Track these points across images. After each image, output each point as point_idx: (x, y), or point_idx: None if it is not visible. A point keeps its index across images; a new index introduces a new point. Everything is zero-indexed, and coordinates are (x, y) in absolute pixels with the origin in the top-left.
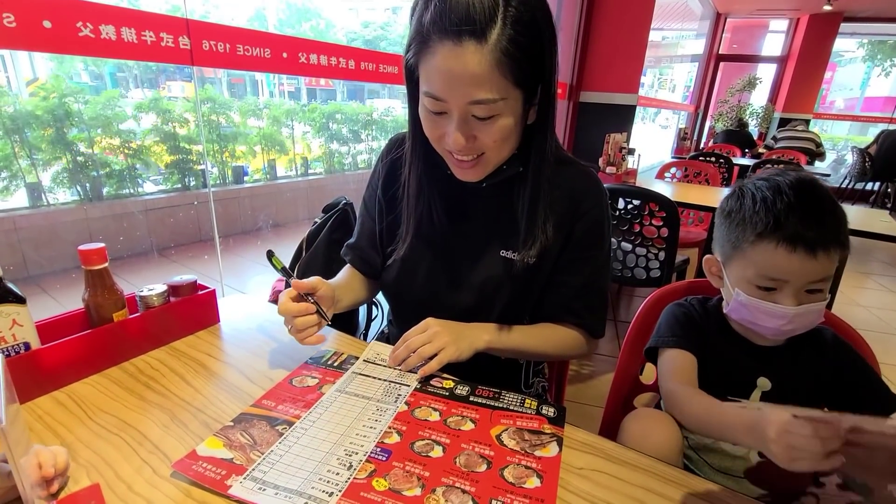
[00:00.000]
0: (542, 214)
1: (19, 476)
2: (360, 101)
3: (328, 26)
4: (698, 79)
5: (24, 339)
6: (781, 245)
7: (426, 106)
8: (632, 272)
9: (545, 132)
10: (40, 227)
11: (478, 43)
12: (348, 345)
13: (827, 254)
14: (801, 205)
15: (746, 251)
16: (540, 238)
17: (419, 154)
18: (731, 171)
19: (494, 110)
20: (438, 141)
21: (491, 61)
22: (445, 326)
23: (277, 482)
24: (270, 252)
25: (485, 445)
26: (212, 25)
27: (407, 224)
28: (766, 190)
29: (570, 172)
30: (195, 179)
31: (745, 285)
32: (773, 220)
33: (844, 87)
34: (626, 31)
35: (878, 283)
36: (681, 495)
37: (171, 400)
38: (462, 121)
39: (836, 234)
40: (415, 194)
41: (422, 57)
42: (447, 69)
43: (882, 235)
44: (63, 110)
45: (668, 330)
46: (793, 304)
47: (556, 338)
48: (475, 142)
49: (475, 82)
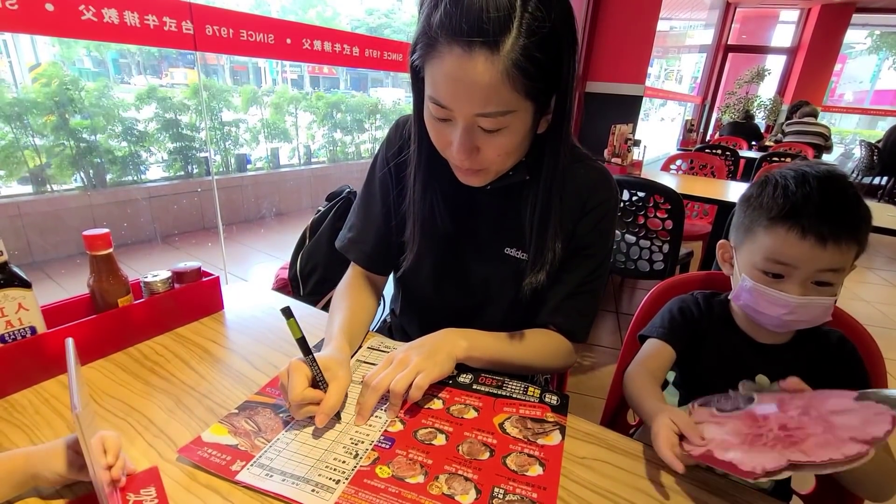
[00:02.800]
0: (552, 230)
1: (91, 461)
2: (364, 89)
3: (335, 14)
4: (706, 70)
5: (30, 322)
6: (793, 230)
7: (431, 112)
8: (635, 264)
9: (558, 143)
10: (45, 213)
11: (489, 52)
12: None
13: (838, 246)
14: (822, 195)
15: (758, 235)
16: (548, 260)
17: (424, 152)
18: (738, 163)
19: (502, 123)
20: (444, 149)
21: (502, 73)
22: (411, 349)
23: (284, 469)
24: (288, 310)
25: (487, 433)
26: (215, 10)
27: (413, 229)
28: (790, 178)
29: (582, 169)
30: (198, 167)
31: (753, 270)
32: (791, 207)
33: (854, 80)
34: (634, 21)
35: (881, 277)
36: (683, 485)
37: (175, 385)
38: (467, 131)
39: (853, 229)
40: (419, 193)
41: (428, 60)
42: (454, 78)
43: (890, 230)
44: (67, 97)
45: (660, 321)
46: (798, 294)
47: (538, 346)
48: (478, 154)
49: (483, 94)
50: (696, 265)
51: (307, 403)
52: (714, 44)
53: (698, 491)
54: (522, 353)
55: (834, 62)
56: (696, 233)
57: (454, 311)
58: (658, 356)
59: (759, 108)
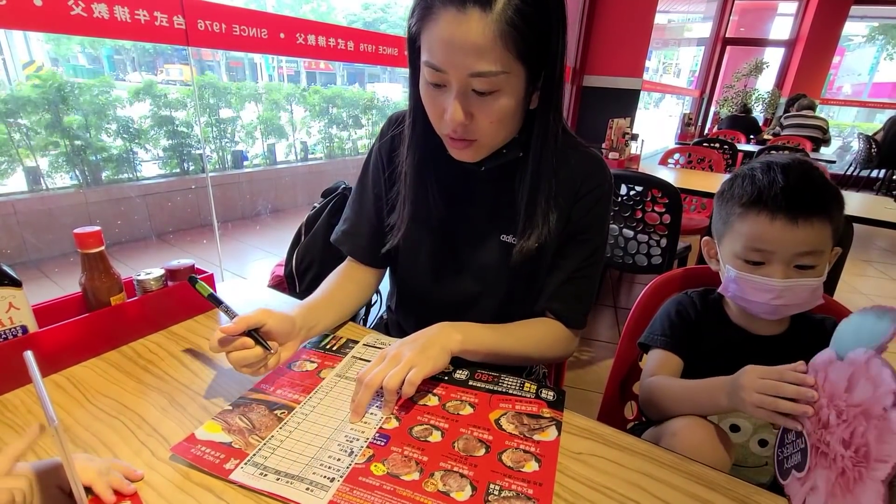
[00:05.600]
0: (543, 203)
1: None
2: (361, 85)
3: (329, 9)
4: (704, 63)
5: (20, 322)
6: (763, 213)
7: (426, 77)
8: (633, 259)
9: (547, 117)
10: (39, 211)
11: (482, 11)
12: (346, 328)
13: (809, 223)
14: (787, 178)
15: (734, 225)
16: (540, 227)
17: (419, 134)
18: (736, 157)
19: (496, 84)
20: (438, 120)
21: (495, 31)
22: (404, 344)
23: (279, 467)
24: (193, 278)
25: (483, 430)
26: (207, 4)
27: (402, 210)
28: (757, 169)
29: (576, 156)
30: (194, 164)
31: (735, 260)
32: (758, 192)
33: (852, 73)
34: (632, 14)
35: (879, 270)
36: (679, 480)
37: (169, 383)
38: (461, 93)
39: (821, 205)
40: (413, 176)
41: (424, 24)
42: (449, 37)
43: (886, 223)
44: (59, 95)
45: (661, 329)
46: (781, 277)
47: (536, 336)
48: (472, 121)
49: (477, 53)
50: (694, 259)
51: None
52: (712, 37)
53: (694, 485)
54: (520, 344)
55: (832, 55)
56: (694, 227)
57: (450, 304)
58: (666, 366)
59: (758, 102)
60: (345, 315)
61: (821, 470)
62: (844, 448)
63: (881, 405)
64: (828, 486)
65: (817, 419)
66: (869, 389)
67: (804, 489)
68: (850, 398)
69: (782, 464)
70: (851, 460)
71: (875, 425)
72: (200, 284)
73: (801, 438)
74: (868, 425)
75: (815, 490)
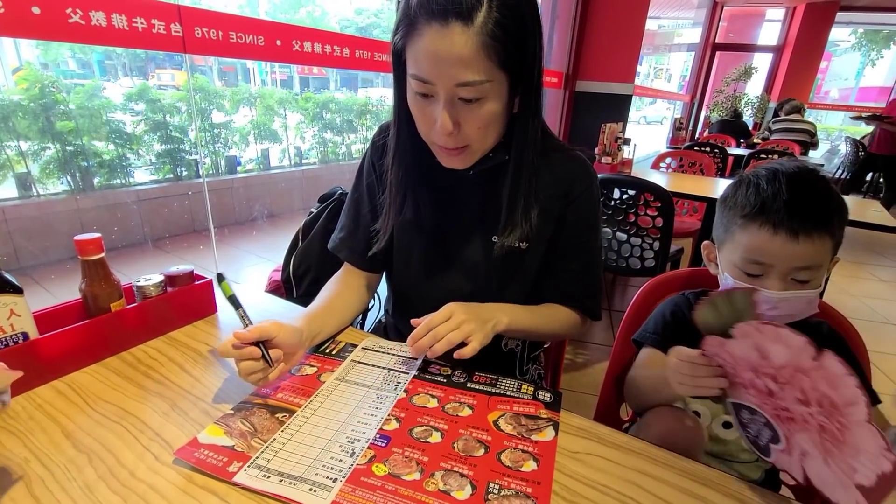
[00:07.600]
0: (524, 202)
1: None
2: (354, 90)
3: (324, 14)
4: (694, 68)
5: (22, 329)
6: (765, 227)
7: (413, 89)
8: (626, 262)
9: (527, 120)
10: (31, 217)
11: (464, 25)
12: (345, 333)
13: (810, 239)
14: (791, 190)
15: (735, 234)
16: (521, 225)
17: (404, 141)
18: (726, 161)
19: (481, 92)
20: (428, 130)
21: (477, 43)
22: (469, 312)
23: (282, 469)
24: (220, 276)
25: (482, 430)
26: (204, 12)
27: (386, 216)
28: (762, 177)
29: (561, 158)
30: (187, 169)
31: (733, 269)
32: (761, 204)
33: (839, 77)
34: (623, 20)
35: (869, 272)
36: (675, 478)
37: (170, 389)
38: (449, 103)
39: (823, 222)
40: (397, 184)
41: (409, 40)
42: (434, 50)
43: (873, 225)
44: (52, 99)
45: (654, 327)
46: (778, 290)
47: (562, 318)
48: (460, 130)
49: (462, 64)
50: (687, 261)
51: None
52: (702, 42)
53: (689, 482)
54: (548, 324)
55: (819, 60)
56: (686, 230)
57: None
58: (653, 363)
59: (747, 106)
60: (345, 322)
61: (800, 434)
62: (805, 406)
63: (808, 357)
64: (818, 446)
65: (758, 391)
66: (783, 350)
67: (795, 458)
68: (772, 363)
69: (756, 443)
70: (822, 413)
71: (817, 376)
72: (225, 284)
73: (756, 414)
74: (811, 378)
75: (807, 455)
